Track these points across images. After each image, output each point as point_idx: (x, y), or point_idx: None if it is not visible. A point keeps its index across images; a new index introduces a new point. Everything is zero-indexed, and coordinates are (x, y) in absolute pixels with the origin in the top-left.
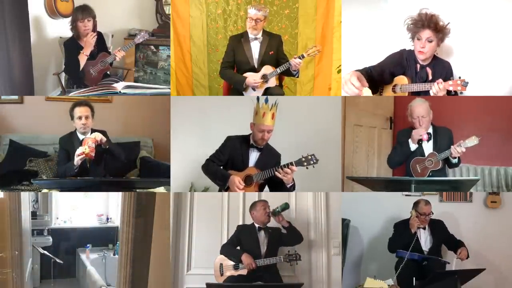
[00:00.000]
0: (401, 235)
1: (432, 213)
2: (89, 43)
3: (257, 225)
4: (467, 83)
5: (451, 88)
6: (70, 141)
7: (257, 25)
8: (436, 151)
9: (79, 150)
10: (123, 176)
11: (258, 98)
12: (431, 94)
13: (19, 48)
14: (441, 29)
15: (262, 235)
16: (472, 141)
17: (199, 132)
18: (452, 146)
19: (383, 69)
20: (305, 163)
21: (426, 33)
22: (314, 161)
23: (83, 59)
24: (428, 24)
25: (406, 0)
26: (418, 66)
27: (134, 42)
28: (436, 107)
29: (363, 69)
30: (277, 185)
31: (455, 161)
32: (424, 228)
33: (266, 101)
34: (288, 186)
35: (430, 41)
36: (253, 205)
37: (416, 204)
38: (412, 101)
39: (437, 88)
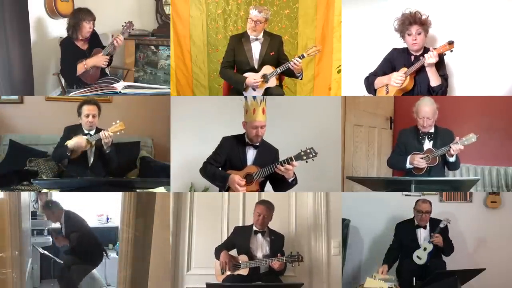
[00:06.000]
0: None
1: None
2: (98, 63)
3: (254, 228)
4: (453, 41)
5: (441, 51)
6: (75, 133)
7: (257, 27)
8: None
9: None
10: (123, 176)
11: (246, 97)
12: (426, 64)
13: (19, 48)
14: (425, 22)
15: (259, 238)
16: (470, 138)
17: (199, 132)
18: (450, 144)
19: (384, 70)
20: (304, 157)
21: (415, 28)
22: (313, 154)
23: (81, 68)
24: (414, 20)
25: None
26: (413, 57)
27: (123, 33)
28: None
29: (370, 75)
30: (279, 181)
31: (452, 159)
32: (425, 228)
33: (254, 97)
34: (290, 180)
35: (419, 33)
36: (256, 204)
37: (416, 203)
38: (421, 99)
39: (430, 55)
